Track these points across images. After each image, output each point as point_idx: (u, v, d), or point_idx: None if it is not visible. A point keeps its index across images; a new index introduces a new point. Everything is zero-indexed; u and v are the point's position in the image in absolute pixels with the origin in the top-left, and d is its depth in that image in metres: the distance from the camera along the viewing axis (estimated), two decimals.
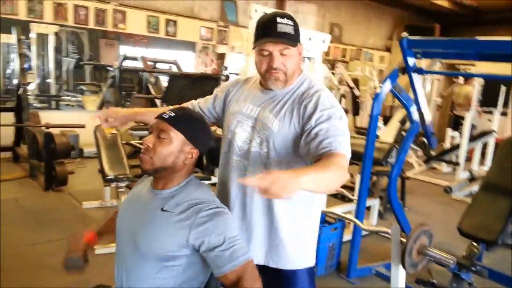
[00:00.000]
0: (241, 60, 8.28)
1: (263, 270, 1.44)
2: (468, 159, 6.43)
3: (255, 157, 1.45)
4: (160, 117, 1.32)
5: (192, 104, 1.69)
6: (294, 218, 1.49)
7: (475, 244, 2.79)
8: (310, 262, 1.56)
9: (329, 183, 1.20)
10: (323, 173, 1.19)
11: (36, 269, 2.79)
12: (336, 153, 1.28)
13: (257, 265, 1.35)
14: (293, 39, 1.39)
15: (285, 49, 1.39)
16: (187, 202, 1.30)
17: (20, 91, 4.85)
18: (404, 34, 2.77)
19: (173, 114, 1.31)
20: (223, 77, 7.60)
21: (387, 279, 2.99)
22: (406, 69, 2.89)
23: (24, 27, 5.77)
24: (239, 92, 1.60)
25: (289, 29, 1.38)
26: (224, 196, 1.54)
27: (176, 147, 1.30)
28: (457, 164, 5.73)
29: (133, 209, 1.39)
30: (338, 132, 1.34)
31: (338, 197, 4.43)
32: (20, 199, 4.01)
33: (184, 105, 1.68)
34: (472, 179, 4.75)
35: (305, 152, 1.36)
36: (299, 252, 1.51)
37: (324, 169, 1.22)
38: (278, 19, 1.37)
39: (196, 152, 1.34)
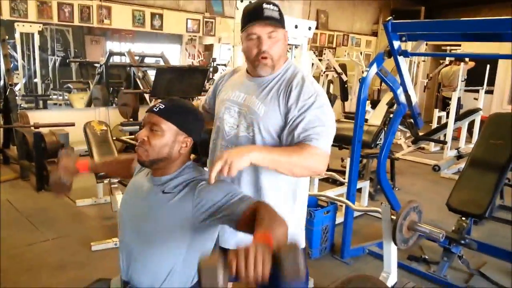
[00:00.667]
0: (228, 51, 8.27)
1: None
2: (456, 138, 6.53)
3: (242, 142, 1.51)
4: (150, 110, 1.35)
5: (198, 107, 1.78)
6: (280, 202, 1.52)
7: (463, 218, 2.87)
8: (301, 244, 1.61)
9: (286, 166, 1.36)
10: (280, 154, 1.35)
11: (34, 269, 2.81)
12: (308, 144, 1.37)
13: None
14: (279, 22, 1.45)
15: (273, 32, 1.44)
16: (186, 182, 1.34)
17: (8, 92, 4.80)
18: (389, 18, 2.81)
19: (162, 107, 1.34)
20: (210, 69, 7.63)
21: (380, 257, 3.06)
22: (391, 52, 2.93)
23: (8, 27, 5.70)
24: (227, 82, 1.67)
25: (275, 14, 1.45)
26: None
27: (169, 138, 1.33)
28: (444, 142, 5.81)
29: (134, 198, 1.42)
30: (317, 122, 1.40)
31: (329, 181, 4.50)
32: (13, 201, 4.00)
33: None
34: (459, 156, 4.86)
35: (286, 143, 1.44)
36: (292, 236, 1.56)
37: (284, 152, 1.36)
38: (265, 5, 1.44)
39: (190, 140, 1.37)
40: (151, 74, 6.19)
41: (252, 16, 1.44)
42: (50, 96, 7.14)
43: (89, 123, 3.84)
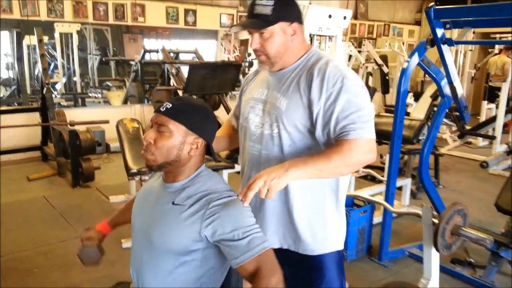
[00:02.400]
0: None
1: (286, 256, 1.39)
2: (505, 131, 6.11)
3: (268, 141, 1.41)
4: (157, 110, 1.25)
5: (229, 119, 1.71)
6: (317, 202, 1.43)
7: None
8: (336, 246, 1.48)
9: (329, 172, 1.28)
10: (317, 162, 1.25)
11: (66, 266, 2.83)
12: (345, 139, 1.26)
13: (279, 250, 1.34)
14: (267, 20, 1.33)
15: (262, 30, 1.35)
16: (198, 194, 1.23)
17: (44, 91, 4.91)
18: (431, 3, 2.60)
19: (169, 106, 1.23)
20: (246, 64, 7.54)
21: (421, 260, 2.85)
22: (434, 41, 2.71)
23: (48, 28, 5.85)
24: (251, 82, 1.59)
25: (266, 10, 1.33)
26: (244, 183, 1.49)
27: (178, 139, 1.22)
28: (493, 137, 5.44)
29: (145, 204, 1.34)
30: (351, 109, 1.28)
31: (368, 178, 4.29)
32: (49, 197, 4.08)
33: (225, 120, 1.72)
34: (510, 152, 4.51)
35: (324, 140, 1.33)
36: (321, 236, 1.44)
37: (321, 158, 1.25)
38: (257, 1, 1.35)
39: (201, 141, 1.26)
40: (185, 70, 6.18)
41: (247, 13, 1.39)
42: (89, 94, 7.31)
43: (121, 120, 3.83)
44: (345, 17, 3.34)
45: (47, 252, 2.99)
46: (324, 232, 1.45)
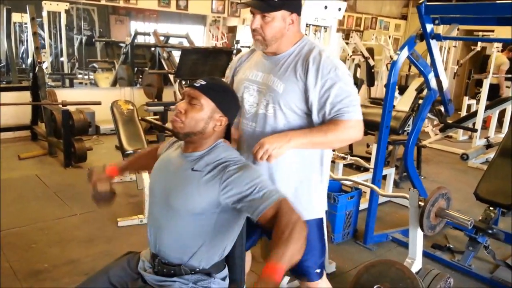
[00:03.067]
0: None
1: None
2: (485, 127, 6.35)
3: (261, 119, 1.56)
4: (191, 85, 1.37)
5: None
6: (301, 174, 1.59)
7: (491, 208, 2.81)
8: (319, 214, 1.67)
9: (324, 145, 1.55)
10: (316, 135, 1.46)
11: (63, 241, 2.89)
12: (340, 120, 1.45)
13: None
14: (272, 5, 1.47)
15: (266, 13, 1.48)
16: (216, 161, 1.35)
17: (36, 70, 4.89)
18: (422, 0, 2.72)
19: (204, 83, 1.36)
20: (234, 51, 7.58)
21: (403, 244, 3.04)
22: (423, 36, 2.85)
23: (35, 6, 5.76)
24: (244, 62, 1.72)
25: None
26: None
27: (206, 114, 1.34)
28: (475, 130, 5.64)
29: (165, 172, 1.45)
30: (343, 95, 1.46)
31: (353, 167, 4.45)
32: (41, 176, 4.10)
33: None
34: (489, 146, 4.73)
35: (319, 121, 1.51)
36: (307, 205, 1.60)
37: (319, 132, 1.46)
38: None
39: (225, 120, 1.39)
40: (176, 55, 6.21)
41: None
42: (76, 75, 7.25)
43: (116, 102, 3.87)
44: (339, 9, 3.44)
45: (44, 228, 3.04)
46: (309, 201, 1.62)
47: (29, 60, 6.31)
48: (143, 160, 1.75)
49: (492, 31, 7.95)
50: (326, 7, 3.23)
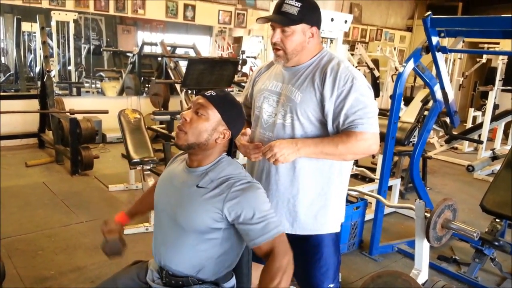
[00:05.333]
0: (258, 44, 8.26)
1: (289, 237, 1.52)
2: (490, 139, 6.34)
3: (279, 129, 1.56)
4: (202, 94, 1.38)
5: None
6: (318, 187, 1.57)
7: (498, 220, 2.80)
8: (335, 228, 1.64)
9: (334, 157, 1.49)
10: (326, 146, 1.45)
11: (70, 249, 2.91)
12: (353, 131, 1.43)
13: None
14: (292, 19, 1.48)
15: (285, 27, 1.49)
16: (220, 178, 1.36)
17: (45, 78, 4.95)
18: (428, 13, 2.75)
19: (214, 94, 1.37)
20: (240, 61, 7.64)
21: (409, 255, 3.03)
22: (429, 48, 2.87)
23: (45, 16, 5.85)
24: (264, 74, 1.73)
25: (293, 10, 1.47)
26: (251, 169, 1.67)
27: (211, 125, 1.35)
28: (480, 142, 5.63)
29: (170, 187, 1.45)
30: (359, 106, 1.44)
31: (358, 178, 4.46)
32: (48, 183, 4.14)
33: None
34: (494, 157, 4.71)
35: (333, 132, 1.50)
36: (321, 218, 1.59)
37: (330, 143, 1.45)
38: (286, 0, 1.48)
39: (228, 134, 1.39)
40: (183, 65, 6.26)
41: (274, 9, 1.52)
42: (83, 84, 7.31)
43: (123, 111, 3.91)
44: (346, 21, 3.48)
45: (50, 236, 3.06)
46: (325, 214, 1.59)
47: (37, 69, 6.38)
48: (150, 197, 1.66)
49: (498, 43, 7.96)
50: (332, 20, 3.27)
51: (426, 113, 4.52)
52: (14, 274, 2.52)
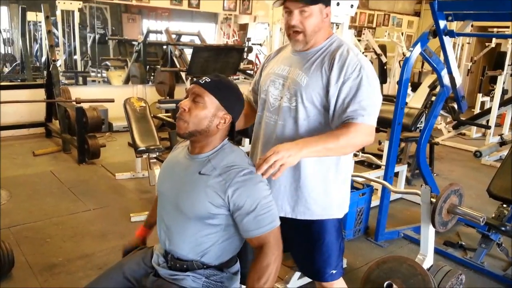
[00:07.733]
0: (264, 30, 8.19)
1: (292, 222, 1.56)
2: (498, 124, 6.27)
3: (285, 112, 1.54)
4: (196, 82, 1.37)
5: (247, 95, 1.80)
6: (320, 173, 1.56)
7: (504, 205, 2.78)
8: (337, 214, 1.63)
9: (336, 151, 1.45)
10: (327, 142, 1.39)
11: (78, 236, 2.94)
12: (353, 123, 1.41)
13: (285, 218, 1.52)
14: None
15: (304, 7, 1.46)
16: (223, 165, 1.35)
17: (51, 68, 4.96)
18: None
19: (208, 80, 1.36)
20: (245, 49, 7.59)
21: (415, 241, 3.03)
22: (436, 32, 2.83)
23: (49, 5, 5.84)
24: (273, 59, 1.71)
25: None
26: (254, 152, 1.67)
27: (210, 111, 1.34)
28: (488, 127, 5.57)
29: (172, 174, 1.45)
30: (363, 96, 1.42)
31: (365, 164, 4.44)
32: (55, 172, 4.17)
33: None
34: (502, 143, 4.66)
35: (337, 117, 1.47)
36: (326, 205, 1.58)
37: (331, 137, 1.41)
38: None
39: (229, 118, 1.38)
40: (188, 52, 6.24)
41: None
42: (89, 73, 7.33)
43: (128, 99, 3.91)
44: (352, 6, 3.43)
45: (58, 223, 3.10)
46: (327, 200, 1.58)
47: (43, 58, 6.40)
48: None
49: (507, 27, 7.82)
50: (338, 4, 3.21)
51: (433, 98, 4.47)
52: (23, 261, 2.56)
